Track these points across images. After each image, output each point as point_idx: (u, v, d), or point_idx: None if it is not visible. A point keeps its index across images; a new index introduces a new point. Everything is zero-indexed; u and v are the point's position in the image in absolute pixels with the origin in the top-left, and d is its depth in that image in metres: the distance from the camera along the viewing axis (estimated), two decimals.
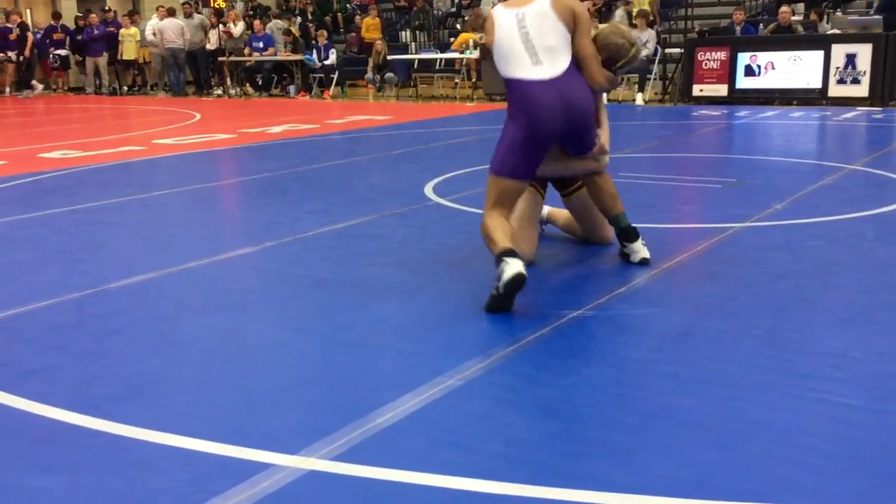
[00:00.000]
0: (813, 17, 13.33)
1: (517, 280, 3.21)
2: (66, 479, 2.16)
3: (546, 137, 3.62)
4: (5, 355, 3.04)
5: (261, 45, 16.98)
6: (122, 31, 18.68)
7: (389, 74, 15.72)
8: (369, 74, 15.96)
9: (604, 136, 3.92)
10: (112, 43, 18.83)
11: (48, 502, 2.06)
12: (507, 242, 3.40)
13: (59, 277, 4.02)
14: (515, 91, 3.64)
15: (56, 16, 19.48)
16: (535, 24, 3.61)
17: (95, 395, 2.66)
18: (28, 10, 20.71)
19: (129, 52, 18.73)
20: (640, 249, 3.91)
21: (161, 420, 2.46)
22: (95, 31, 18.60)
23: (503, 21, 3.68)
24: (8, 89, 19.15)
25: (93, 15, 18.80)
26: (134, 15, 19.14)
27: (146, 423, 2.44)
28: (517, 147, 3.61)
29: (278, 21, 18.09)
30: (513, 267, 3.23)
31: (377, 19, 18.14)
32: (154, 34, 17.69)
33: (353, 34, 18.63)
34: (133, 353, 3.05)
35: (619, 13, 14.47)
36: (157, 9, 18.14)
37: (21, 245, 4.73)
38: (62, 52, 19.36)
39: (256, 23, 17.41)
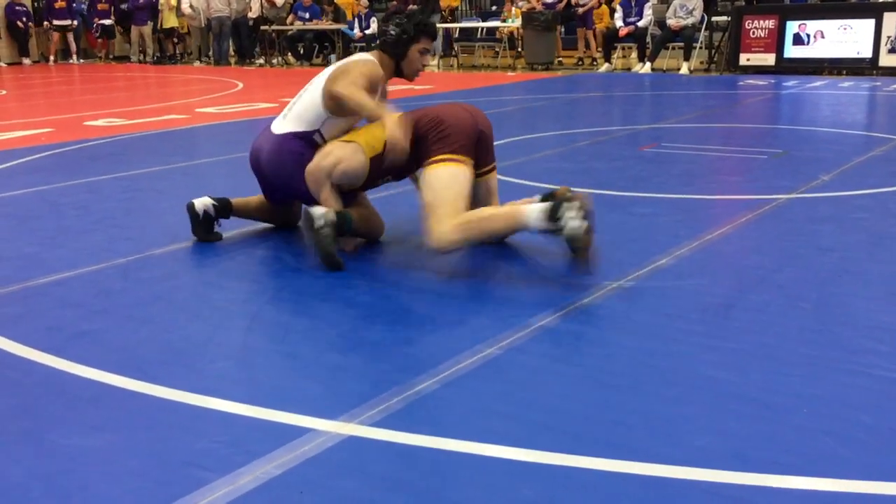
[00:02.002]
0: None
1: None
2: (110, 440, 2.20)
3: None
4: (53, 319, 3.09)
5: (307, 15, 16.94)
6: (162, 0, 18.81)
7: None
8: None
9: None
10: (156, 12, 18.99)
11: (93, 462, 2.10)
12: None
13: (105, 243, 4.08)
14: None
15: None
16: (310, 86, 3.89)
17: (140, 359, 2.71)
18: None
19: (168, 20, 18.85)
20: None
21: (204, 384, 2.50)
22: (140, 0, 18.75)
23: None
24: (53, 58, 19.42)
25: None
26: None
27: (189, 387, 2.48)
28: None
29: None
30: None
31: None
32: (191, 7, 17.75)
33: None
34: (177, 318, 3.09)
35: None
36: None
37: (68, 211, 4.81)
38: (106, 21, 19.56)
39: None
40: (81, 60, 19.59)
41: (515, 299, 3.18)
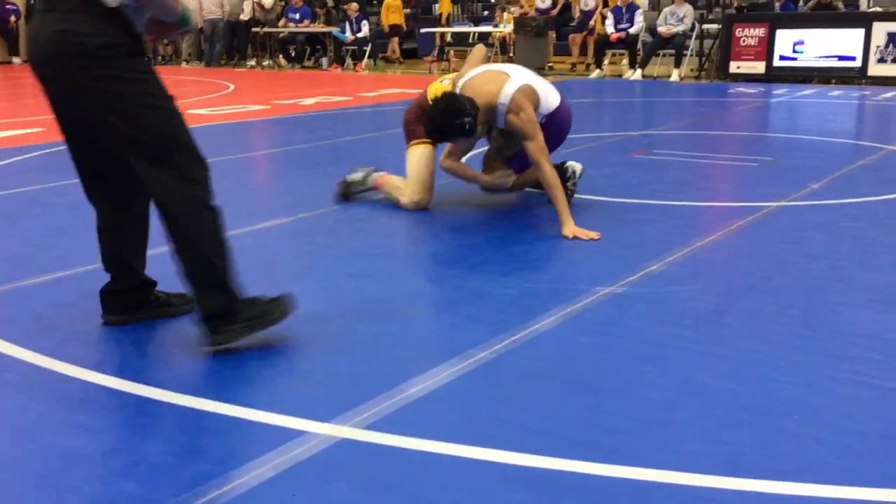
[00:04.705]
0: None
1: None
2: (102, 441, 2.20)
3: None
4: (45, 320, 3.09)
5: (297, 16, 16.95)
6: None
7: None
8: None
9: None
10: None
11: (84, 462, 2.10)
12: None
13: (97, 243, 4.06)
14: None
15: None
16: None
17: (133, 360, 2.71)
18: None
19: None
20: None
21: (196, 386, 2.50)
22: None
23: None
24: None
25: None
26: None
27: (181, 388, 2.48)
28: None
29: None
30: None
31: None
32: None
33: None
34: (169, 319, 3.09)
35: None
36: None
37: (61, 212, 4.80)
38: None
39: None
40: None
41: (507, 304, 3.19)
